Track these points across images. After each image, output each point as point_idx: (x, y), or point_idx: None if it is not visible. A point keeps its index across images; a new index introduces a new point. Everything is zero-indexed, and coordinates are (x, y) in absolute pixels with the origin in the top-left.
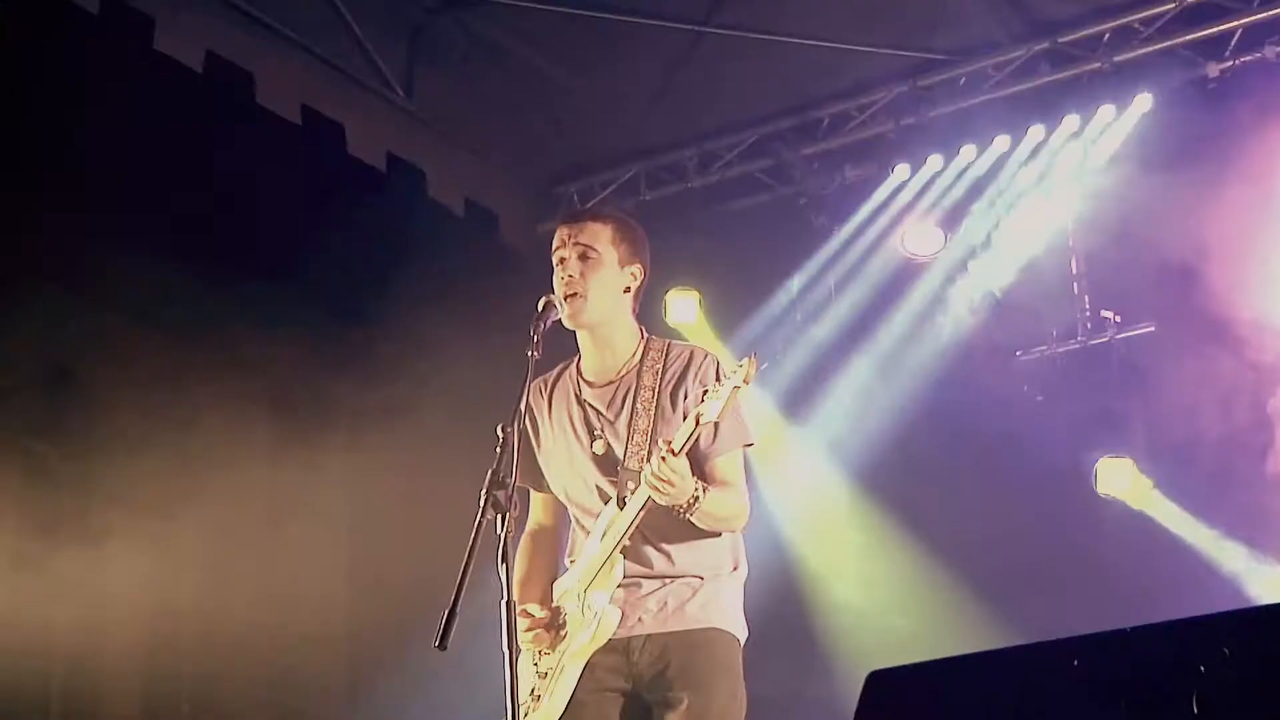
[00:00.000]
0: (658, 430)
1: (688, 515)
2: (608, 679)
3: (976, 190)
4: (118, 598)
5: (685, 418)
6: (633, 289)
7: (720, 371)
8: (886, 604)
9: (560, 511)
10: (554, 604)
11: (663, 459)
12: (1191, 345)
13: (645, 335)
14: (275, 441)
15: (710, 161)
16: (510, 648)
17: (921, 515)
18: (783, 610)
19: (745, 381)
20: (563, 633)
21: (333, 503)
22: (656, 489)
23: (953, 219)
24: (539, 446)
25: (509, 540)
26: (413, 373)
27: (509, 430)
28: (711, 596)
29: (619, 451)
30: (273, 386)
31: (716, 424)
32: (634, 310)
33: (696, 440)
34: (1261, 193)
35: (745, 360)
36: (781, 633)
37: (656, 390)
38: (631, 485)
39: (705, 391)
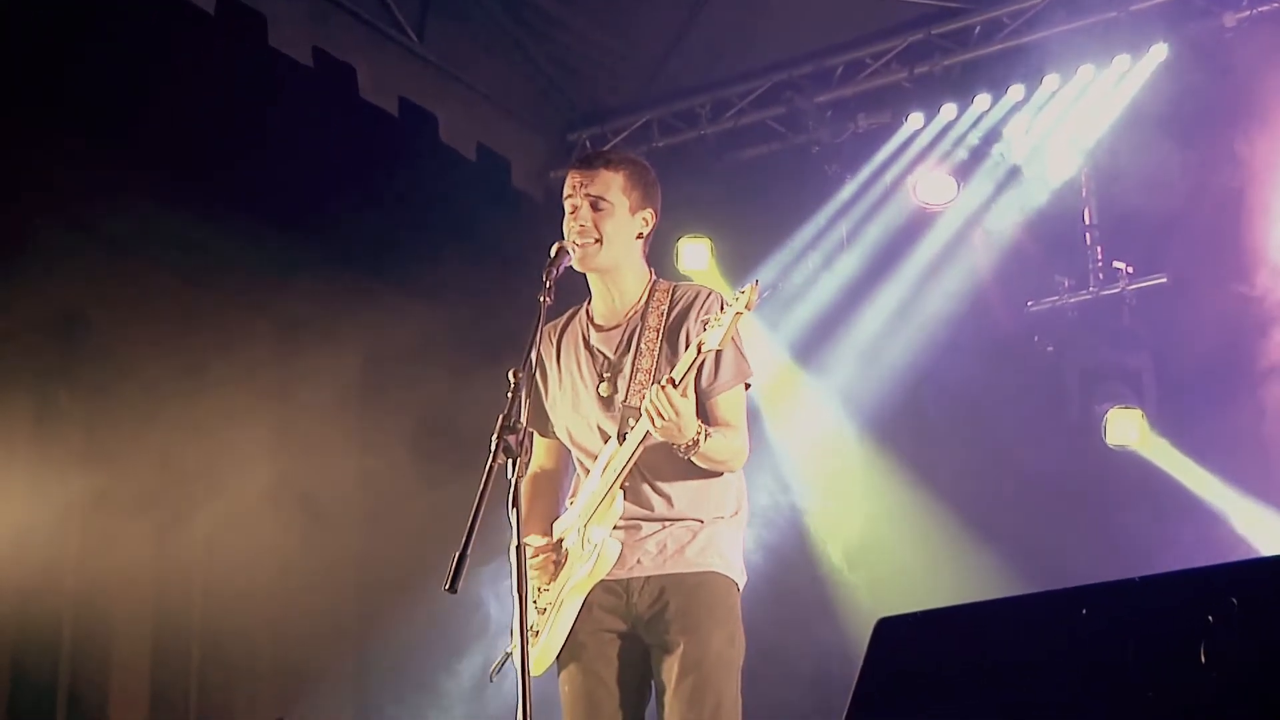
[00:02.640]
0: (661, 369)
1: (688, 455)
2: (606, 620)
3: (990, 140)
4: (128, 536)
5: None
6: (644, 234)
7: (723, 303)
8: (895, 552)
9: (563, 456)
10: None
11: (661, 387)
12: (1204, 296)
13: (654, 277)
14: (284, 383)
15: (723, 109)
16: (521, 591)
17: (931, 464)
18: (791, 557)
19: (747, 308)
20: (563, 566)
21: (343, 446)
22: (652, 419)
23: (966, 169)
24: (546, 392)
25: (519, 485)
26: (424, 317)
27: (520, 375)
28: (710, 540)
29: (623, 391)
30: (281, 329)
31: (717, 361)
32: (644, 254)
33: (697, 377)
34: (1276, 143)
35: (747, 287)
36: (789, 579)
37: (660, 330)
38: (632, 421)
39: (706, 322)
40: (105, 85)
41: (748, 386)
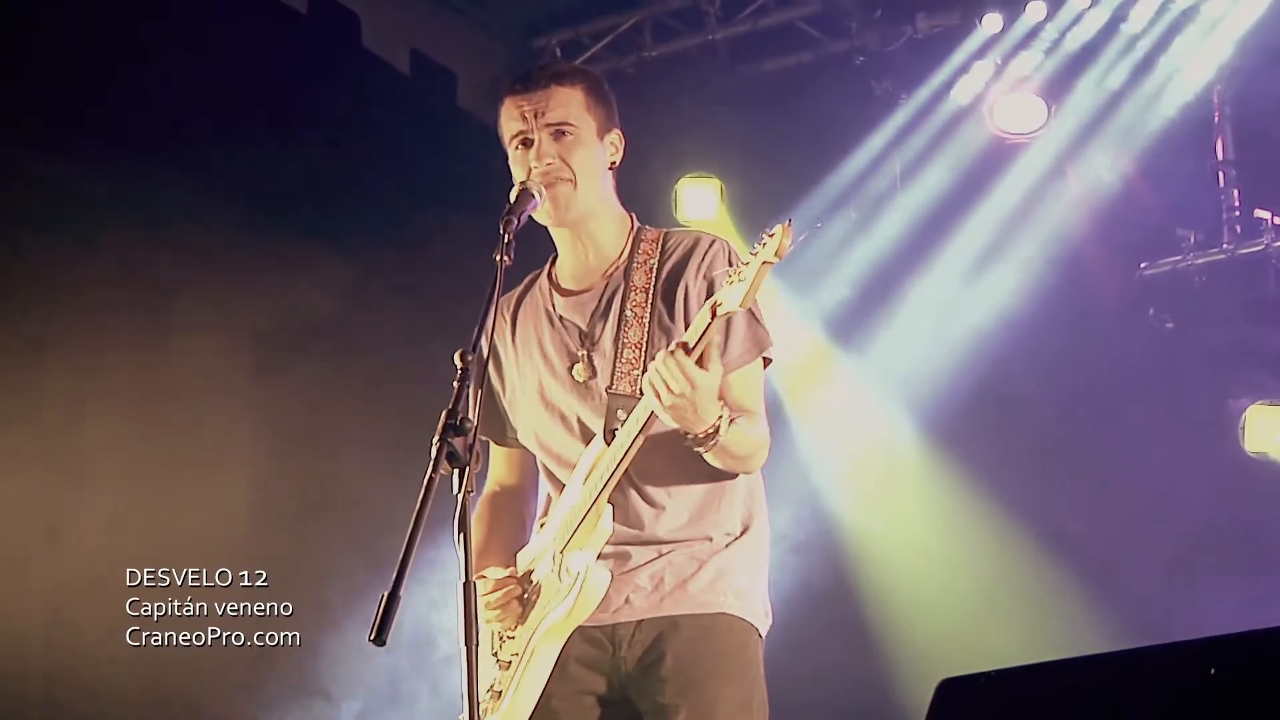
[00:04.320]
0: (655, 343)
1: (705, 449)
2: (586, 678)
3: (1091, 49)
4: None
5: (690, 321)
6: (617, 162)
7: (734, 257)
8: (961, 589)
9: (529, 468)
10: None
11: (670, 353)
12: None
13: (636, 224)
14: (152, 364)
15: (738, 6)
16: (468, 640)
17: (1009, 474)
18: (824, 594)
19: (777, 255)
20: (533, 606)
21: (232, 445)
22: (659, 395)
23: (1059, 86)
24: (503, 384)
25: (468, 503)
26: (341, 278)
27: (470, 359)
28: (723, 570)
29: (606, 375)
30: (148, 292)
31: (726, 330)
32: (616, 190)
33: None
34: None
35: (777, 228)
36: (822, 624)
37: (650, 290)
38: (622, 414)
39: (713, 280)
40: None
41: (767, 363)
